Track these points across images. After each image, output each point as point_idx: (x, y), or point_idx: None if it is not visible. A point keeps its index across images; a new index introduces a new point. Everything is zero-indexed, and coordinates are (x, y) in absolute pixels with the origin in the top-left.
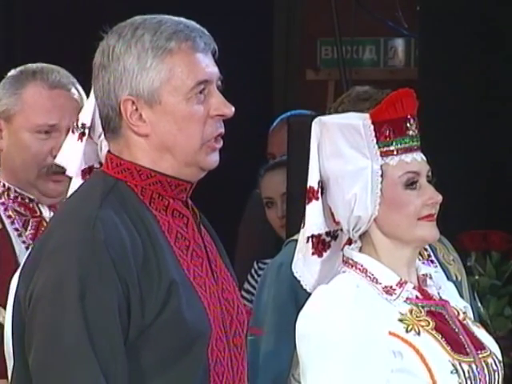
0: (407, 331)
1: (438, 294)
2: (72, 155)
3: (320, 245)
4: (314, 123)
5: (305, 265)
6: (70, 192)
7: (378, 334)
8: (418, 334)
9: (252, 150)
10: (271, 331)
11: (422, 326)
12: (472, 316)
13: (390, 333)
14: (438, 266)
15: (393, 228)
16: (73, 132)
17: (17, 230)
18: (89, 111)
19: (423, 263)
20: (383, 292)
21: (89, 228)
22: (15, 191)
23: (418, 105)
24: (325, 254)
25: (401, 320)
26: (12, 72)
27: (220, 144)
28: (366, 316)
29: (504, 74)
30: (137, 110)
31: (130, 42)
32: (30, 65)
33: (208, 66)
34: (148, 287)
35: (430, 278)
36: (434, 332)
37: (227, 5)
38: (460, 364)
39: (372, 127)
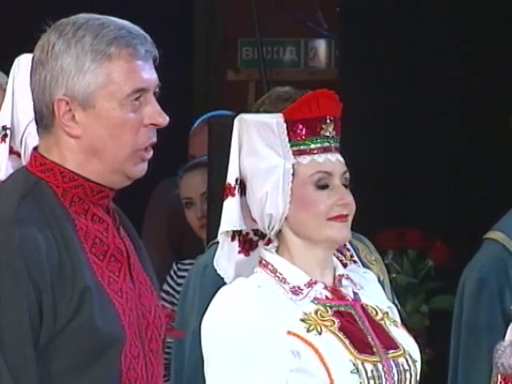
0: (308, 331)
1: (355, 294)
2: None
3: (247, 244)
4: (235, 120)
5: (229, 261)
6: None
7: (276, 334)
8: (320, 333)
9: (172, 151)
10: (196, 333)
11: (326, 326)
12: (397, 316)
13: (290, 332)
14: (361, 266)
15: (302, 227)
16: None
17: None
18: (7, 112)
19: (346, 263)
20: (289, 292)
21: (4, 230)
22: None
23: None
24: (252, 253)
25: (303, 320)
26: None
27: (150, 154)
28: (263, 316)
29: (425, 74)
30: (70, 110)
31: (70, 41)
32: None
33: (147, 74)
34: (61, 293)
35: (347, 278)
36: (337, 332)
37: (148, 5)
38: (363, 364)
39: (285, 126)
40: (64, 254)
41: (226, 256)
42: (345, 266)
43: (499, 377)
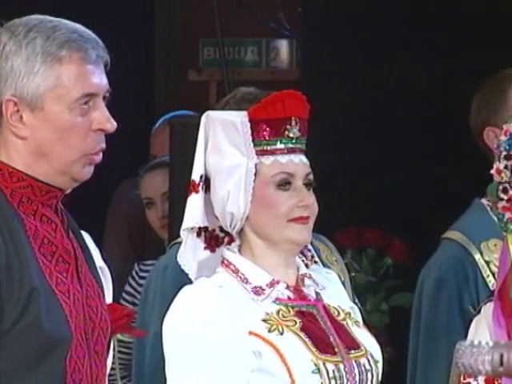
0: (270, 331)
1: (317, 294)
2: None
3: (213, 240)
4: (203, 117)
5: (194, 258)
6: None
7: (238, 334)
8: (282, 333)
9: (134, 151)
10: (157, 334)
11: (288, 326)
12: (359, 316)
13: (251, 333)
14: (322, 267)
15: (262, 227)
16: None
17: None
18: None
19: (307, 264)
20: (251, 292)
21: None
22: None
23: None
24: (217, 250)
25: (265, 320)
26: None
27: (99, 158)
28: (225, 316)
29: (387, 73)
30: (18, 111)
31: (21, 42)
32: None
33: (97, 79)
34: (8, 293)
35: (310, 277)
36: (299, 332)
37: (109, 5)
38: (324, 364)
39: (249, 125)
40: (12, 254)
41: (190, 252)
42: (306, 266)
43: (461, 377)
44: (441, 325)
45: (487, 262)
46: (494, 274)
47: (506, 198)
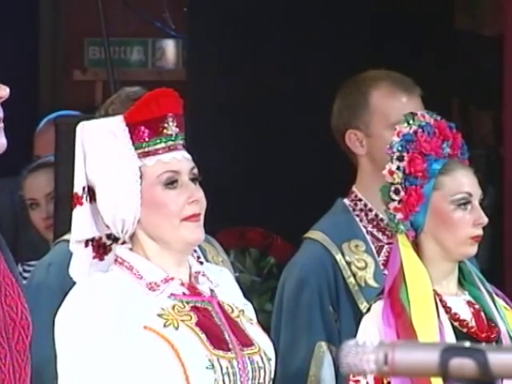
0: (165, 326)
1: (212, 291)
2: None
3: (101, 248)
4: (77, 129)
5: (85, 269)
6: None
7: (132, 329)
8: (177, 328)
9: (17, 152)
10: (45, 332)
11: (183, 321)
12: (253, 314)
13: (146, 327)
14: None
15: (155, 229)
16: None
17: None
18: None
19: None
20: (146, 288)
21: None
22: None
23: (184, 103)
24: (106, 258)
25: (160, 315)
26: None
27: (1, 126)
28: (119, 311)
29: (273, 72)
30: None
31: None
32: None
33: None
34: None
35: (203, 275)
36: (194, 327)
37: None
38: (218, 360)
39: (127, 129)
40: None
41: (80, 264)
42: (200, 263)
43: (351, 376)
44: (301, 325)
45: (348, 263)
46: (355, 275)
47: (397, 198)
